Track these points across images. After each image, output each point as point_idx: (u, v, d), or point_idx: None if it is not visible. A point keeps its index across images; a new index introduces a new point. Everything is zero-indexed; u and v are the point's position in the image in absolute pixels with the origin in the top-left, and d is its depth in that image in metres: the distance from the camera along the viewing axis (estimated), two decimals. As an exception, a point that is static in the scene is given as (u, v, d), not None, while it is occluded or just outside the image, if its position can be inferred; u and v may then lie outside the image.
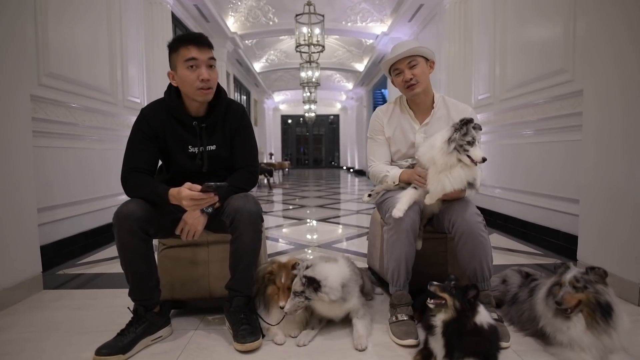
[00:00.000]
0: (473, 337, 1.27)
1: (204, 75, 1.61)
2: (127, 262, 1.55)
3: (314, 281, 1.52)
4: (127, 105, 3.79)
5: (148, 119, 1.68)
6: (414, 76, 1.84)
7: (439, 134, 1.65)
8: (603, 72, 2.10)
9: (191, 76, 1.61)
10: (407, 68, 1.85)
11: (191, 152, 1.71)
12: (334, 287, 1.53)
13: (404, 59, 1.85)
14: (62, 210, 2.88)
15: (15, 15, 2.10)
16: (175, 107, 1.68)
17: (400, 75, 1.87)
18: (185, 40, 1.62)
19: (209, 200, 1.52)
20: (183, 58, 1.60)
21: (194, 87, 1.62)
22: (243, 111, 1.83)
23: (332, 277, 1.55)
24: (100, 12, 3.42)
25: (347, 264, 1.69)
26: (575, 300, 1.36)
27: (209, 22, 6.52)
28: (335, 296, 1.53)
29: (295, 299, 1.54)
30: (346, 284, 1.58)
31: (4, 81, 2.01)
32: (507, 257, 2.88)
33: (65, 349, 1.54)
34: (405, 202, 1.66)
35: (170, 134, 1.69)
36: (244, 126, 1.81)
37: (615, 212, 2.02)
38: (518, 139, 3.62)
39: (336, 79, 14.21)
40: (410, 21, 6.56)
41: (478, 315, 1.30)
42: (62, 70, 2.89)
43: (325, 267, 1.58)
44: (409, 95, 1.91)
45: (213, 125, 1.73)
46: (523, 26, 3.53)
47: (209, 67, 1.64)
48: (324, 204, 6.17)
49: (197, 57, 1.60)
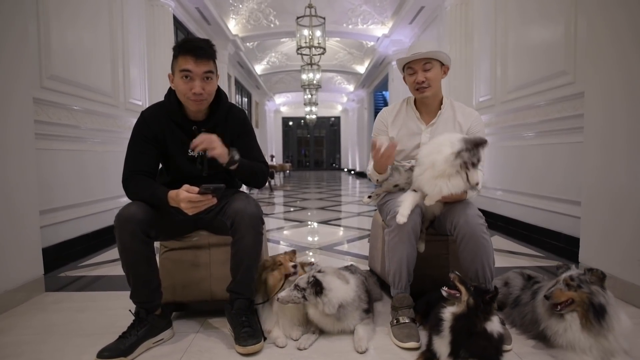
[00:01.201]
0: (481, 341, 1.27)
1: (196, 89, 1.59)
2: (129, 264, 1.55)
3: (319, 285, 1.53)
4: (128, 108, 3.80)
5: (148, 122, 1.68)
6: (426, 79, 1.83)
7: (447, 138, 1.63)
8: (605, 73, 2.10)
9: (184, 87, 1.61)
10: (421, 70, 1.84)
11: (191, 156, 1.72)
12: (332, 302, 1.53)
13: (419, 60, 1.84)
14: (63, 213, 2.89)
15: (18, 18, 2.11)
16: (174, 111, 1.68)
17: (413, 76, 1.87)
18: (185, 50, 1.59)
19: (207, 202, 1.52)
20: (179, 67, 1.60)
21: (185, 97, 1.63)
22: (245, 117, 1.83)
23: (335, 293, 1.55)
24: (102, 14, 3.43)
25: (355, 287, 1.65)
26: (565, 297, 1.37)
27: (210, 24, 6.54)
28: (329, 310, 1.53)
29: (294, 292, 1.54)
30: (344, 306, 1.56)
31: (7, 84, 2.02)
32: (509, 259, 2.87)
33: (66, 351, 1.54)
34: (407, 207, 1.65)
35: (170, 138, 1.69)
36: (246, 132, 1.82)
37: (617, 214, 2.01)
38: (519, 141, 3.62)
39: (337, 81, 14.23)
40: (411, 23, 6.57)
41: (490, 323, 1.29)
42: (64, 73, 2.90)
43: (335, 281, 1.58)
44: (418, 96, 1.91)
45: (213, 129, 1.71)
46: (524, 28, 3.53)
47: (205, 80, 1.62)
48: (325, 206, 6.16)
49: (192, 70, 1.58)
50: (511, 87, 3.73)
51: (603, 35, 2.11)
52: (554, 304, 1.40)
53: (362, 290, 1.69)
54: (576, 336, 1.35)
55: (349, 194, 8.39)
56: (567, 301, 1.38)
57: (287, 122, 20.68)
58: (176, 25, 5.55)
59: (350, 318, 1.60)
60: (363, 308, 1.65)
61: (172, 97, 1.69)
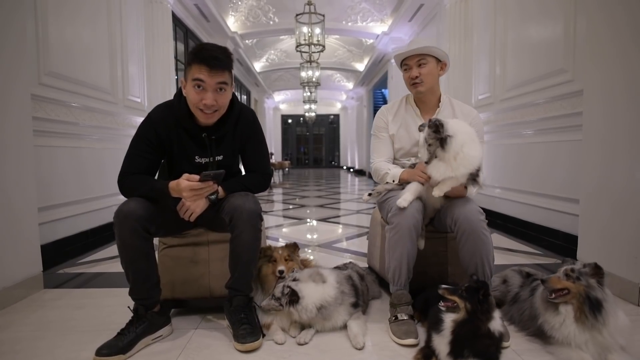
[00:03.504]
0: (485, 340, 1.27)
1: (208, 100, 1.55)
2: (128, 260, 1.54)
3: (295, 295, 1.55)
4: (127, 105, 3.79)
5: (155, 126, 1.64)
6: (420, 75, 1.85)
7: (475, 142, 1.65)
8: (604, 71, 2.10)
9: (195, 97, 1.57)
10: (415, 66, 1.86)
11: (198, 162, 1.70)
12: (308, 308, 1.55)
13: (414, 56, 1.86)
14: (62, 210, 2.88)
15: (16, 14, 2.10)
16: (184, 117, 1.64)
17: (408, 71, 1.89)
18: (200, 59, 1.53)
19: (209, 188, 1.52)
20: (192, 76, 1.55)
21: (195, 107, 1.60)
22: (254, 118, 1.82)
23: (309, 298, 1.56)
24: (100, 10, 3.42)
25: (335, 284, 1.65)
26: (561, 285, 1.39)
27: (209, 21, 6.52)
28: (306, 316, 1.55)
29: (272, 301, 1.58)
30: (325, 306, 1.57)
31: (5, 80, 2.01)
32: (507, 257, 2.88)
33: (65, 347, 1.54)
34: (411, 194, 1.67)
35: (177, 144, 1.66)
36: (256, 132, 1.80)
37: (616, 211, 2.02)
38: (518, 139, 3.62)
39: (336, 79, 14.21)
40: (411, 21, 6.56)
41: (493, 322, 1.29)
42: (63, 70, 2.89)
43: (309, 286, 1.59)
44: (413, 92, 1.93)
45: (223, 137, 1.70)
46: (523, 26, 3.53)
47: (218, 91, 1.58)
48: (324, 203, 6.17)
49: (205, 80, 1.54)
50: (510, 85, 3.73)
51: (602, 33, 2.11)
52: (549, 292, 1.41)
53: (347, 284, 1.69)
54: (571, 330, 1.36)
55: (348, 191, 8.40)
56: (562, 290, 1.39)
57: (286, 120, 20.66)
58: (175, 22, 5.53)
59: (337, 315, 1.61)
60: (350, 302, 1.65)
61: (183, 101, 1.64)
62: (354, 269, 1.97)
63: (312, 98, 12.05)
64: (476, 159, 1.60)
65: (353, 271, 1.90)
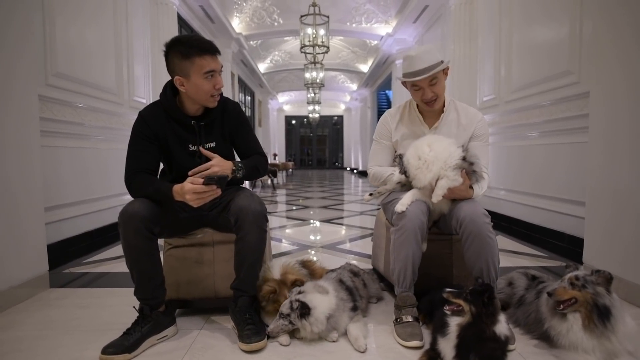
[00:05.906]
0: (491, 344, 1.27)
1: (220, 83, 1.65)
2: (133, 261, 1.55)
3: (306, 307, 1.52)
4: (132, 106, 3.81)
5: (147, 121, 1.68)
6: (434, 93, 1.80)
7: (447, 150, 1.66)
8: (610, 73, 2.09)
9: (209, 86, 1.62)
10: (427, 86, 1.79)
11: (192, 151, 1.72)
12: (319, 320, 1.53)
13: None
14: (68, 210, 2.90)
15: (23, 16, 2.12)
16: (173, 108, 1.69)
17: (419, 91, 1.81)
18: (200, 50, 1.58)
19: (212, 193, 1.53)
20: (201, 69, 1.59)
21: (208, 95, 1.65)
22: (239, 109, 1.87)
23: (320, 308, 1.55)
24: (106, 12, 3.44)
25: (334, 293, 1.63)
26: (568, 296, 1.37)
27: (214, 23, 6.54)
28: (317, 328, 1.53)
29: (280, 320, 1.55)
30: (333, 315, 1.57)
31: (13, 81, 2.03)
32: (512, 259, 2.87)
33: (71, 347, 1.55)
34: (409, 199, 1.68)
35: (170, 134, 1.69)
36: (242, 122, 1.85)
37: (621, 214, 2.01)
38: (523, 141, 3.61)
39: (340, 80, 14.22)
40: (415, 22, 6.56)
41: (498, 325, 1.29)
42: (69, 70, 2.91)
43: (317, 297, 1.58)
44: (426, 109, 1.88)
45: (211, 123, 1.75)
46: (528, 27, 3.52)
47: (220, 74, 1.67)
48: (327, 204, 6.17)
49: (215, 68, 1.62)
50: (515, 87, 3.71)
51: (608, 35, 2.10)
52: (557, 303, 1.39)
53: (342, 290, 1.69)
54: (578, 337, 1.34)
55: (352, 192, 8.39)
56: (569, 300, 1.37)
57: (290, 121, 20.69)
58: (180, 23, 5.56)
59: (341, 322, 1.60)
60: (349, 307, 1.64)
61: (169, 94, 1.69)
62: (345, 268, 1.96)
63: (316, 99, 12.07)
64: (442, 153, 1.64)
65: (344, 270, 1.90)
